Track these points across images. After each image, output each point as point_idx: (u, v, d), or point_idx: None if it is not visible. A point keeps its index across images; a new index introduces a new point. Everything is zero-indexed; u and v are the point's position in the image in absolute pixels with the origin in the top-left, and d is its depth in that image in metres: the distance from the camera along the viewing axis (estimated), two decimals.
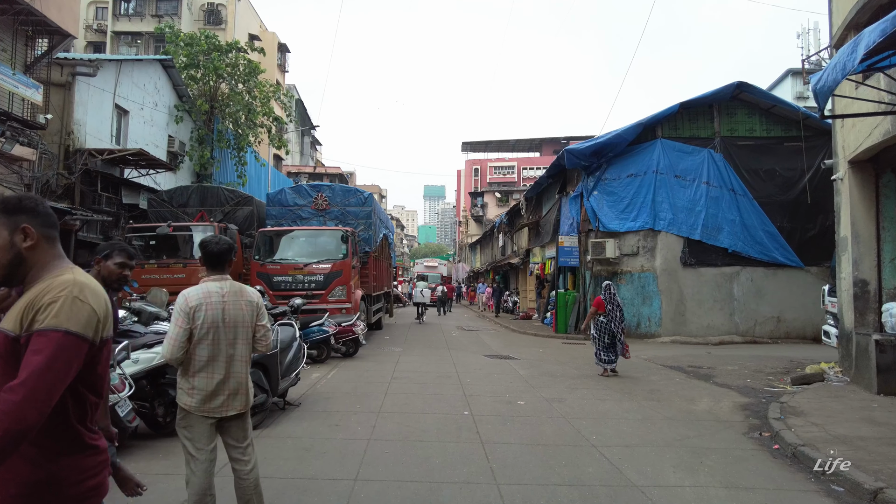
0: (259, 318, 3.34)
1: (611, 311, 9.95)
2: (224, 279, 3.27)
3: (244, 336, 3.23)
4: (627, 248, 16.88)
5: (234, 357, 3.18)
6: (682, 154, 16.67)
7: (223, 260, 3.29)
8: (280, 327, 6.98)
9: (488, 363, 11.02)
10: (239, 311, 3.20)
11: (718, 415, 6.97)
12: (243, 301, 3.26)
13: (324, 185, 14.37)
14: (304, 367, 7.06)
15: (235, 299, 3.22)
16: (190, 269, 11.98)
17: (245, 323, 3.23)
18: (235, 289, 3.28)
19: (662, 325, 16.19)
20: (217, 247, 3.27)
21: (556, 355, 12.66)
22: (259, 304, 3.37)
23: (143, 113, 18.29)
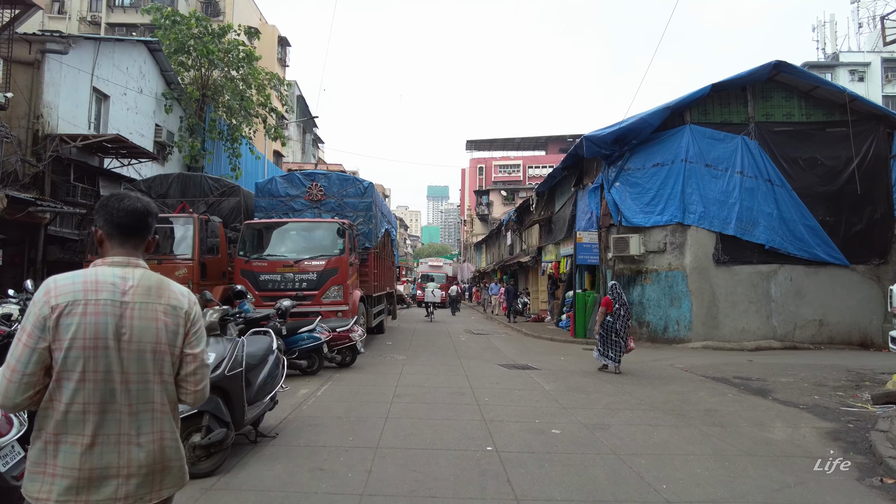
0: (189, 339, 1.96)
1: (617, 310, 10.02)
2: (132, 264, 1.92)
3: (157, 368, 1.87)
4: (653, 245, 15.40)
5: (138, 407, 1.82)
6: (713, 141, 15.18)
7: (136, 230, 1.95)
8: (252, 338, 5.55)
9: (506, 375, 9.56)
10: (149, 324, 1.85)
11: (806, 447, 5.49)
12: (160, 306, 1.89)
13: (318, 172, 12.95)
14: (283, 388, 5.60)
15: (146, 302, 1.86)
16: (166, 266, 10.56)
17: (160, 345, 1.87)
18: (149, 283, 1.92)
19: (693, 329, 14.70)
20: (123, 205, 1.93)
21: (579, 364, 11.19)
22: (191, 312, 1.99)
23: (127, 99, 16.90)
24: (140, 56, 17.73)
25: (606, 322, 10.00)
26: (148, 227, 1.97)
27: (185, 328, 1.93)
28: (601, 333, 10.10)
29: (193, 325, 1.96)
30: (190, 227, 10.84)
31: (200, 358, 1.97)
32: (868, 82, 44.90)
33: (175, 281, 2.08)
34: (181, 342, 1.92)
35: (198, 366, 1.96)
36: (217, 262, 11.55)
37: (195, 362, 1.95)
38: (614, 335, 9.89)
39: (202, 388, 1.99)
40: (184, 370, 1.94)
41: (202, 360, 1.98)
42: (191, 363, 1.94)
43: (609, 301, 10.11)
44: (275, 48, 42.79)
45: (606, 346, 9.99)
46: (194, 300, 2.02)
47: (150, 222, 1.98)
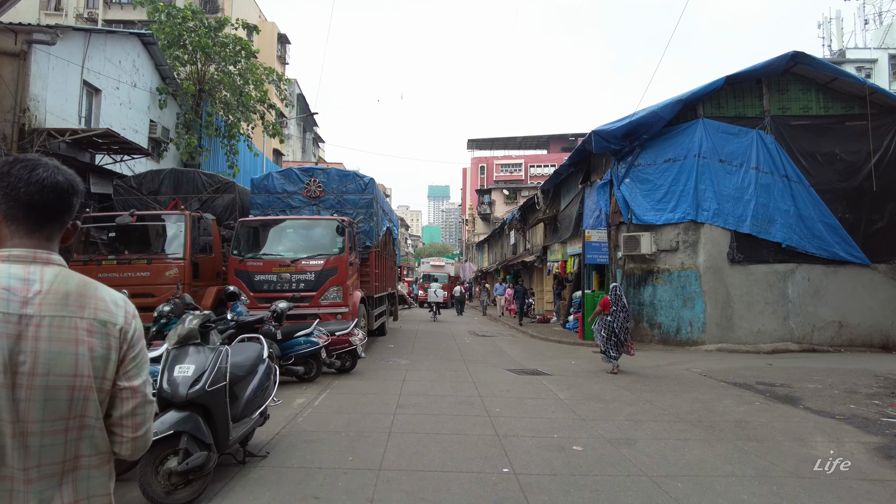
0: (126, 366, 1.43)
1: (616, 311, 10.20)
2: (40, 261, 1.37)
3: (76, 411, 1.33)
4: (665, 244, 14.83)
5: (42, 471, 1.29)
6: (727, 136, 14.61)
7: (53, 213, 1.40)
8: (239, 346, 5.00)
9: (516, 381, 8.99)
10: (65, 349, 1.32)
11: (859, 467, 4.93)
12: (83, 322, 1.36)
13: (317, 168, 12.37)
14: (274, 401, 5.04)
15: (60, 315, 1.33)
16: (156, 266, 10.01)
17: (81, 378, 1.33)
18: (66, 289, 1.37)
19: (707, 331, 14.13)
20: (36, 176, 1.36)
21: (591, 368, 10.62)
22: (129, 329, 1.45)
23: (119, 93, 16.35)
24: (133, 49, 17.18)
25: (606, 322, 10.25)
26: (70, 208, 1.42)
27: (120, 352, 1.40)
28: (603, 335, 10.32)
29: (132, 346, 1.43)
30: (181, 225, 10.29)
31: (142, 393, 1.44)
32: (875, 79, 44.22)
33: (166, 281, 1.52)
34: (113, 372, 1.39)
35: (137, 404, 1.43)
36: (210, 262, 11.00)
37: (134, 398, 1.42)
38: (613, 336, 10.17)
39: (143, 434, 1.46)
40: (117, 410, 1.41)
41: (144, 396, 1.45)
42: (128, 400, 1.41)
43: (608, 301, 10.39)
44: (274, 45, 42.26)
45: (608, 346, 10.23)
46: (133, 311, 1.47)
47: (74, 203, 1.44)
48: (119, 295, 1.47)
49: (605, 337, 10.21)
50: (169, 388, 3.83)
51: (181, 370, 3.89)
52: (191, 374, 3.87)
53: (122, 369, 1.40)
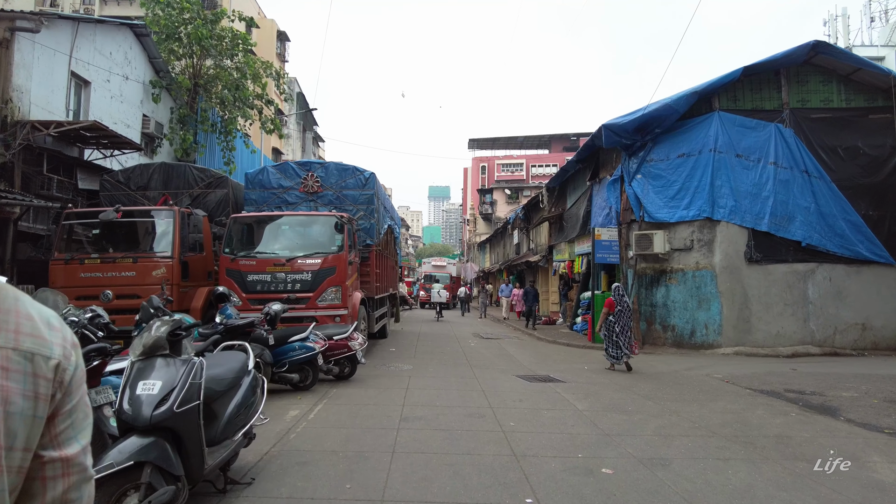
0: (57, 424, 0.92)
1: (619, 311, 10.46)
2: None
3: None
4: (679, 242, 14.20)
5: None
6: (744, 129, 13.98)
7: None
8: (219, 356, 4.38)
9: (528, 389, 8.34)
10: None
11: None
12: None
13: (314, 162, 11.73)
14: (262, 419, 4.41)
15: None
16: (142, 265, 9.39)
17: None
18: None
19: (723, 334, 13.49)
20: None
21: (606, 374, 9.98)
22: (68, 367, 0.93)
23: (110, 86, 15.72)
24: (125, 41, 16.55)
25: (609, 322, 10.51)
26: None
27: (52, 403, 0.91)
28: (605, 334, 10.61)
29: (69, 394, 0.94)
30: (170, 222, 9.67)
31: (79, 466, 0.94)
32: None
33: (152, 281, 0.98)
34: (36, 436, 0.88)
35: (72, 484, 0.93)
36: (201, 261, 10.37)
37: (66, 477, 0.92)
38: (615, 335, 10.42)
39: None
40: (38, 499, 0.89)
41: (82, 471, 0.95)
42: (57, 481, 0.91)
43: (612, 302, 10.64)
44: (273, 43, 41.64)
45: (610, 344, 10.49)
46: (73, 339, 0.98)
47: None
48: (52, 313, 0.97)
49: (606, 335, 10.55)
50: (130, 409, 3.19)
51: (146, 387, 3.25)
52: (157, 391, 3.23)
53: (51, 431, 0.90)
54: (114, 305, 9.19)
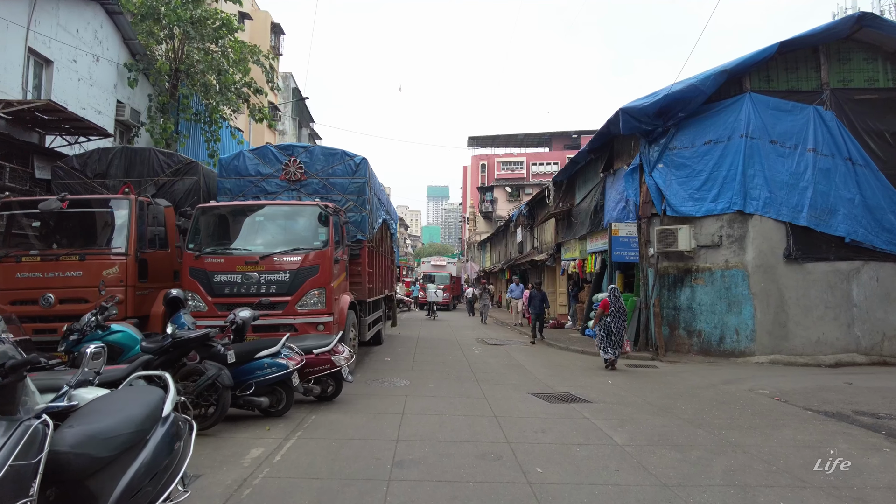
0: None
1: (614, 311, 10.85)
2: None
3: None
4: (706, 238, 12.79)
5: None
6: (778, 113, 12.56)
7: None
8: (118, 395, 2.97)
9: (549, 413, 6.90)
10: None
11: None
12: None
13: (297, 145, 10.27)
14: (180, 490, 2.95)
15: None
16: (91, 263, 7.94)
17: None
18: None
19: (757, 340, 12.08)
20: None
21: (638, 391, 8.56)
22: None
23: (78, 67, 14.26)
24: (95, 18, 15.08)
25: (605, 322, 10.84)
26: None
27: None
28: (602, 334, 10.91)
29: None
30: (125, 213, 8.23)
31: None
32: None
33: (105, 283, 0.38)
34: None
35: None
36: (164, 259, 8.92)
37: None
38: (610, 335, 10.77)
39: None
40: None
41: None
42: None
43: (607, 302, 10.92)
44: (267, 36, 40.15)
45: (606, 344, 10.82)
46: None
47: None
48: None
49: (603, 336, 10.86)
50: None
51: None
52: None
53: None
54: (56, 311, 7.78)
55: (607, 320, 10.79)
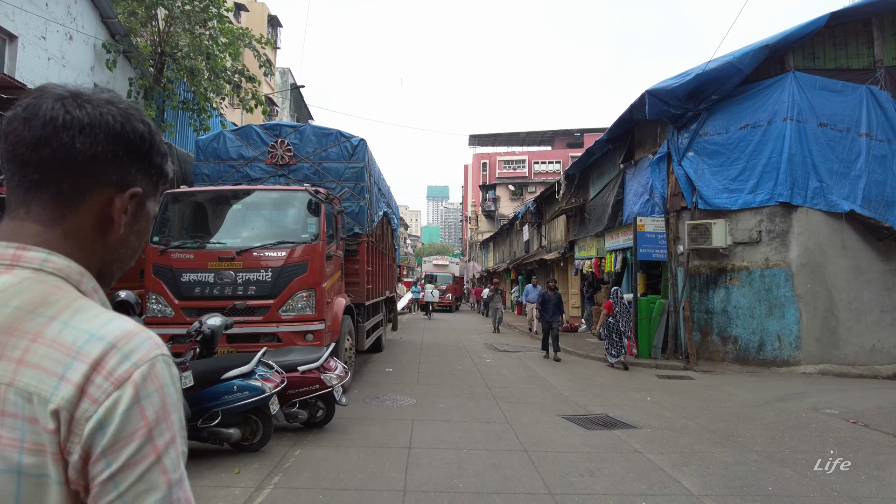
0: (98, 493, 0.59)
1: (618, 312, 10.94)
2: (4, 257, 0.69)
3: None
4: (742, 234, 11.50)
5: None
6: (826, 93, 11.25)
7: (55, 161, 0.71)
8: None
9: (591, 445, 5.56)
10: None
11: None
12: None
13: (286, 124, 8.90)
14: None
15: None
16: None
17: None
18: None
19: (802, 348, 10.77)
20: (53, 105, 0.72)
21: (681, 408, 7.24)
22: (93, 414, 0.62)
23: (47, 45, 12.93)
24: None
25: (609, 324, 11.01)
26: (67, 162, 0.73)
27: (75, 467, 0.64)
28: (606, 334, 11.10)
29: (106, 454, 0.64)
30: None
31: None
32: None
33: None
34: None
35: None
36: None
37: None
38: (615, 335, 10.94)
39: None
40: None
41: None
42: None
43: (611, 304, 11.06)
44: (264, 28, 38.80)
45: (611, 345, 11.02)
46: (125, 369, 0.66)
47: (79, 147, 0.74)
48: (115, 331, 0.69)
49: (607, 336, 11.05)
50: None
51: None
52: None
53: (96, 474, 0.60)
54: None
55: (610, 321, 10.96)
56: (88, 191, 0.75)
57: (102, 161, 0.75)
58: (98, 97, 0.78)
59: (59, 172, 0.73)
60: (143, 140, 0.80)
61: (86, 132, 0.74)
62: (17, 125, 0.74)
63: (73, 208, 0.74)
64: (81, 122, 0.74)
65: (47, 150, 0.72)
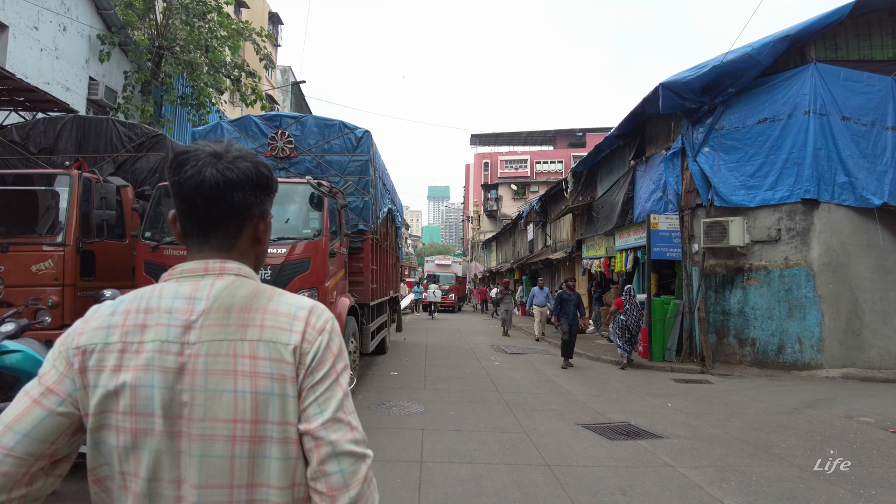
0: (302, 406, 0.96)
1: (629, 310, 10.85)
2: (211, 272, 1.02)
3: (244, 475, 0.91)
4: (761, 232, 11.07)
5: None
6: (850, 85, 10.82)
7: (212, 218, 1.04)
8: None
9: (617, 458, 5.12)
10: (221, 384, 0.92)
11: None
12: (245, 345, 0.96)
13: (286, 115, 8.44)
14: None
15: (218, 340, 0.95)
16: (17, 256, 6.18)
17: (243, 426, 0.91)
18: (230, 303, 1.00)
19: (825, 351, 10.33)
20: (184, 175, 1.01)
21: (706, 415, 6.80)
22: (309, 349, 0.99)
23: (39, 35, 12.51)
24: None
25: (620, 321, 11.00)
26: (235, 209, 1.04)
27: (298, 383, 0.98)
28: (617, 332, 11.10)
29: (312, 372, 0.99)
30: (64, 192, 6.47)
31: (325, 441, 0.95)
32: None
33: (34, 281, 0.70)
34: (294, 413, 0.96)
35: (324, 456, 0.95)
36: (119, 252, 7.15)
37: (317, 450, 0.95)
38: (627, 332, 10.91)
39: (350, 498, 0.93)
40: (308, 469, 0.96)
41: (332, 444, 0.95)
42: (311, 453, 0.96)
43: (622, 302, 11.07)
44: (265, 25, 38.49)
45: (623, 342, 10.97)
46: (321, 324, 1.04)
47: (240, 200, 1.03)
48: (304, 303, 1.06)
49: (618, 334, 11.08)
50: None
51: None
52: None
53: (300, 407, 0.97)
54: None
55: (622, 319, 10.94)
56: (246, 224, 1.06)
57: (250, 203, 1.04)
58: (233, 155, 1.04)
59: (226, 218, 1.03)
60: (268, 180, 1.07)
61: (238, 188, 1.02)
62: (188, 190, 1.00)
63: (237, 237, 1.06)
64: (234, 182, 1.01)
65: (216, 208, 1.01)
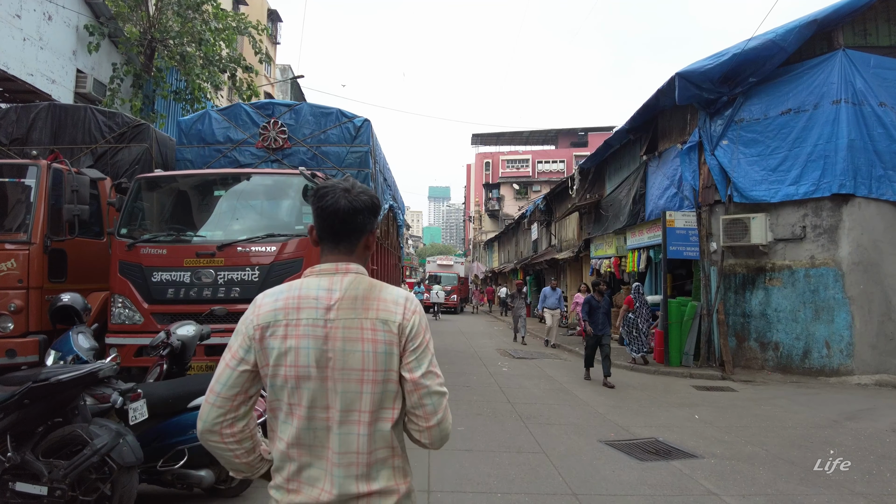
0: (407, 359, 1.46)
1: (638, 308, 11.10)
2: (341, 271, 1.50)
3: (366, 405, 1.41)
4: (784, 230, 10.44)
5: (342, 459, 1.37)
6: (882, 72, 10.21)
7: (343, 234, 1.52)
8: None
9: (652, 483, 4.48)
10: (354, 346, 1.42)
11: None
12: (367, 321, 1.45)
13: (279, 103, 7.80)
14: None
15: (351, 318, 1.44)
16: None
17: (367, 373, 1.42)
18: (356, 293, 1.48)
19: (855, 355, 9.70)
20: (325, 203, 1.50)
21: (738, 430, 6.16)
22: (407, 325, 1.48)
23: (22, 24, 11.89)
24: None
25: (629, 319, 11.16)
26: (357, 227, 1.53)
27: (401, 346, 1.45)
28: (626, 331, 11.26)
29: (411, 340, 1.47)
30: (32, 185, 5.85)
31: (423, 385, 1.45)
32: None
33: None
34: (397, 365, 1.45)
35: (422, 395, 1.45)
36: (97, 251, 6.54)
37: (417, 391, 1.44)
38: (635, 331, 11.04)
39: (436, 423, 1.46)
40: (408, 402, 1.47)
41: (427, 388, 1.45)
42: (412, 393, 1.45)
43: (631, 300, 11.29)
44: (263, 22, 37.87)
45: (632, 340, 11.11)
46: (413, 308, 1.52)
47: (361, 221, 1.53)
48: (402, 294, 1.54)
49: (628, 332, 11.20)
50: None
51: None
52: None
53: (403, 362, 1.45)
54: None
55: (631, 317, 11.06)
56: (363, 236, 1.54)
57: (367, 223, 1.53)
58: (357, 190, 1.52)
59: (352, 232, 1.51)
60: (378, 206, 1.56)
61: (362, 213, 1.50)
62: (328, 214, 1.49)
63: (356, 244, 1.53)
64: (360, 208, 1.49)
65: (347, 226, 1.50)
